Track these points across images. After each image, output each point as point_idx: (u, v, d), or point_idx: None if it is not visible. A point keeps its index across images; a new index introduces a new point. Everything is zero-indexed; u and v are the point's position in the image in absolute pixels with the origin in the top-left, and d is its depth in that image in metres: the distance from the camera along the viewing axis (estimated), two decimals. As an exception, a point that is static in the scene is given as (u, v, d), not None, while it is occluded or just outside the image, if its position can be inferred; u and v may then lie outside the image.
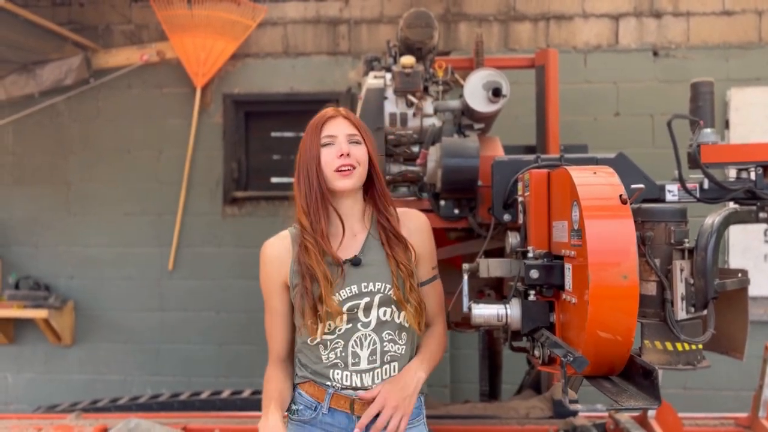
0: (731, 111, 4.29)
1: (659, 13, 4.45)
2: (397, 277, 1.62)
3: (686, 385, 4.23)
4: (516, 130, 3.60)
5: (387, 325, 1.63)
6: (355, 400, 1.62)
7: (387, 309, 1.63)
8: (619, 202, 1.44)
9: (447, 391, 4.35)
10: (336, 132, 1.65)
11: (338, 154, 1.62)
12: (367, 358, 1.62)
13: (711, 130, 2.08)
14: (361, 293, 1.61)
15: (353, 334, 1.62)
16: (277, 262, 1.69)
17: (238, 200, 4.69)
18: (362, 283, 1.61)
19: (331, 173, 1.63)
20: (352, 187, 1.64)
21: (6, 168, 4.84)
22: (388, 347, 1.63)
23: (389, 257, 1.63)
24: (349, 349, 1.62)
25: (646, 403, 1.38)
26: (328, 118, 1.67)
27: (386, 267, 1.63)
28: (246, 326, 4.54)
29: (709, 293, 1.62)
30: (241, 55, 4.69)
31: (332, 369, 1.63)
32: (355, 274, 1.62)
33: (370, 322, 1.62)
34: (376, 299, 1.61)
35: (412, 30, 2.58)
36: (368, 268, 1.63)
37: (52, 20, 4.48)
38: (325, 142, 1.65)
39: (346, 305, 1.60)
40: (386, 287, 1.62)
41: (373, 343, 1.62)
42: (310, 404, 1.66)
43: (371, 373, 1.62)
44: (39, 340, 4.75)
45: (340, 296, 1.60)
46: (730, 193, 1.99)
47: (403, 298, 1.62)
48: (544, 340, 1.59)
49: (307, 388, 1.67)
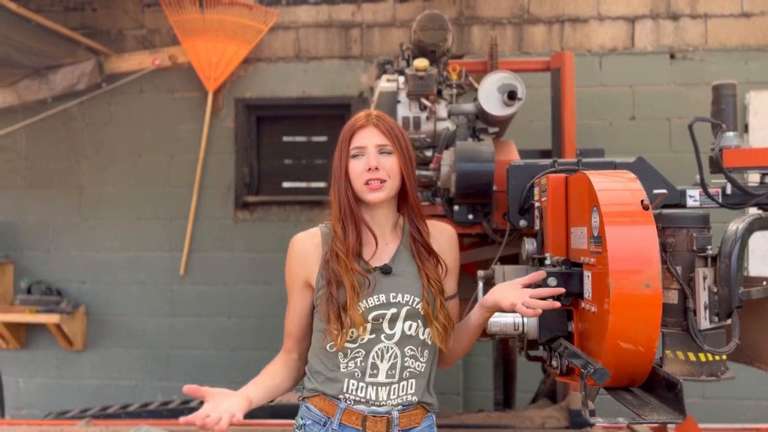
0: (750, 114, 4.22)
1: (676, 15, 4.39)
2: (427, 291, 1.57)
3: (704, 394, 4.15)
4: (531, 134, 3.56)
5: (411, 340, 1.58)
6: (368, 416, 1.56)
7: (413, 323, 1.57)
8: (641, 207, 1.39)
9: (460, 399, 4.30)
10: (365, 143, 1.58)
11: (367, 167, 1.56)
12: (386, 372, 1.56)
13: (733, 134, 2.03)
14: (389, 303, 1.56)
15: (375, 345, 1.56)
16: (302, 258, 1.63)
17: (250, 205, 4.67)
18: (391, 293, 1.56)
19: (360, 186, 1.58)
20: (383, 200, 1.59)
21: (19, 172, 4.86)
22: (408, 363, 1.57)
23: (420, 270, 1.59)
24: (369, 360, 1.56)
25: (671, 417, 1.33)
26: (357, 127, 1.60)
27: (417, 280, 1.58)
28: (257, 331, 4.52)
29: (733, 302, 1.57)
30: (253, 60, 4.68)
31: (348, 378, 1.57)
32: (385, 282, 1.57)
33: (394, 334, 1.57)
34: (404, 311, 1.56)
35: (426, 33, 2.54)
36: (398, 278, 1.58)
37: (65, 25, 4.49)
38: (354, 153, 1.59)
39: (372, 314, 1.55)
40: (415, 300, 1.57)
41: (394, 356, 1.56)
42: (319, 419, 1.59)
43: (387, 388, 1.56)
44: (51, 345, 4.75)
45: (367, 303, 1.55)
46: (754, 198, 1.94)
47: (431, 314, 1.57)
48: (562, 350, 1.54)
49: (316, 402, 1.60)
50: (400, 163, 1.59)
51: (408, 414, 1.58)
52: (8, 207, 4.85)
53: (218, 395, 1.48)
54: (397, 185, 1.60)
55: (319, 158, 4.80)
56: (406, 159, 1.60)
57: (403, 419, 1.57)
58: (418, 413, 1.60)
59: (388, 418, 1.56)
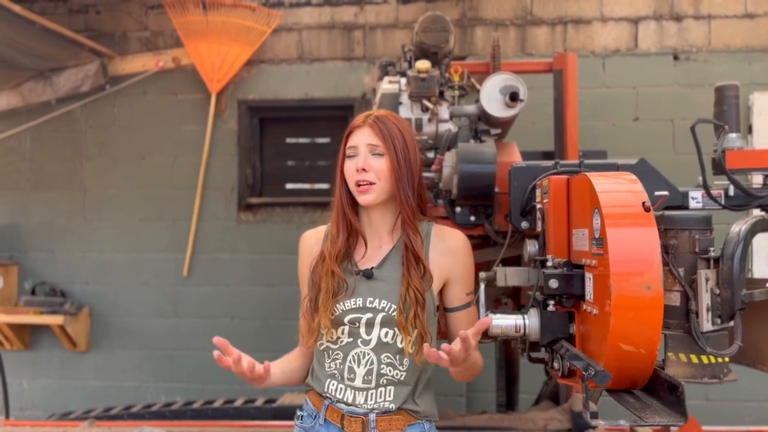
0: (754, 116, 4.21)
1: (680, 17, 4.38)
2: (404, 300, 1.54)
3: (708, 396, 4.13)
4: (533, 136, 3.55)
5: (387, 348, 1.56)
6: (345, 415, 1.57)
7: (389, 331, 1.56)
8: (642, 209, 1.39)
9: (463, 400, 4.29)
10: (357, 142, 1.59)
11: (356, 168, 1.57)
12: (362, 377, 1.57)
13: (736, 135, 2.02)
14: (365, 308, 1.56)
15: (352, 349, 1.57)
16: (307, 252, 1.69)
17: (253, 206, 4.67)
18: (369, 297, 1.56)
19: (352, 187, 1.59)
20: (373, 202, 1.58)
21: (23, 174, 4.87)
22: (385, 370, 1.56)
23: (403, 277, 1.56)
24: (346, 364, 1.58)
25: (672, 419, 1.32)
26: (354, 127, 1.61)
27: (398, 286, 1.56)
28: (261, 333, 4.52)
29: (735, 304, 1.57)
30: (256, 61, 4.68)
31: (330, 378, 1.60)
32: (365, 286, 1.57)
33: (370, 340, 1.56)
34: (379, 317, 1.56)
35: (428, 34, 2.54)
36: (380, 283, 1.58)
37: (69, 27, 4.50)
38: (349, 153, 1.60)
39: (347, 316, 1.56)
40: (391, 307, 1.55)
41: (370, 363, 1.56)
42: (311, 412, 1.64)
43: (365, 393, 1.57)
44: (54, 346, 4.76)
45: (344, 306, 1.56)
46: (757, 200, 1.93)
47: (404, 324, 1.53)
48: (564, 352, 1.54)
49: (310, 395, 1.66)
50: (391, 165, 1.56)
51: (387, 418, 1.57)
52: (12, 208, 4.87)
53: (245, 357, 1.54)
54: (388, 187, 1.58)
55: (322, 160, 4.80)
56: (399, 161, 1.57)
57: (381, 423, 1.56)
58: (400, 419, 1.58)
59: (363, 420, 1.56)
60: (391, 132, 1.59)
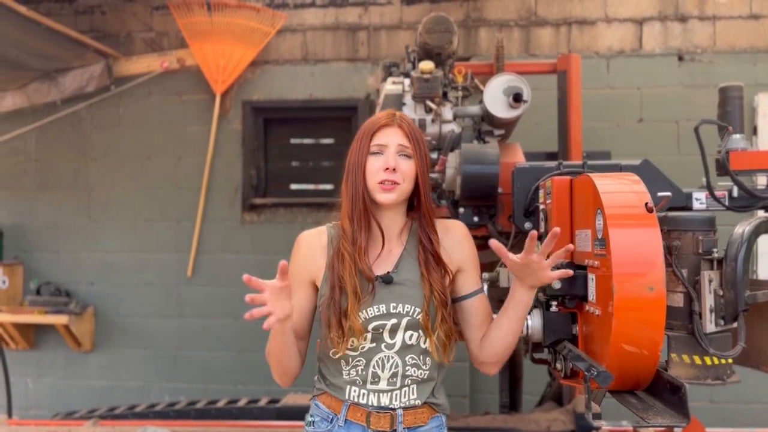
0: (759, 117, 4.19)
1: (684, 17, 4.37)
2: (429, 303, 1.53)
3: (712, 398, 4.12)
4: (537, 137, 3.54)
5: (412, 349, 1.56)
6: (372, 412, 1.56)
7: (414, 333, 1.55)
8: (645, 210, 1.39)
9: (466, 401, 4.29)
10: (387, 141, 1.56)
11: (384, 166, 1.53)
12: (387, 380, 1.55)
13: (740, 136, 2.02)
14: (389, 314, 1.53)
15: (376, 354, 1.55)
16: (308, 257, 1.61)
17: (257, 207, 4.68)
18: (391, 303, 1.54)
19: (373, 184, 1.55)
20: (393, 202, 1.56)
21: (28, 174, 4.89)
22: (410, 371, 1.56)
23: (424, 279, 1.55)
24: (370, 369, 1.55)
25: (674, 420, 1.32)
26: (381, 125, 1.58)
27: (419, 289, 1.55)
28: (264, 334, 4.47)
29: (739, 305, 1.57)
30: (261, 62, 4.69)
31: (350, 385, 1.57)
32: (385, 292, 1.54)
33: (394, 344, 1.54)
34: (404, 322, 1.54)
35: (431, 35, 2.54)
36: (400, 287, 1.55)
37: (75, 28, 4.52)
38: (374, 150, 1.56)
39: (371, 324, 1.53)
40: (416, 311, 1.54)
41: (395, 365, 1.55)
42: (326, 416, 1.60)
43: (389, 394, 1.56)
44: (59, 346, 4.77)
45: (367, 314, 1.53)
46: (761, 201, 1.93)
47: (431, 327, 1.53)
48: (567, 353, 1.54)
49: (324, 399, 1.62)
50: (417, 168, 1.56)
51: (413, 412, 1.57)
52: (18, 209, 4.89)
53: (276, 293, 1.53)
54: (409, 189, 1.57)
55: (326, 160, 4.81)
56: (424, 165, 1.57)
57: (407, 416, 1.56)
58: (425, 412, 1.59)
59: (392, 415, 1.55)
60: (417, 134, 1.59)
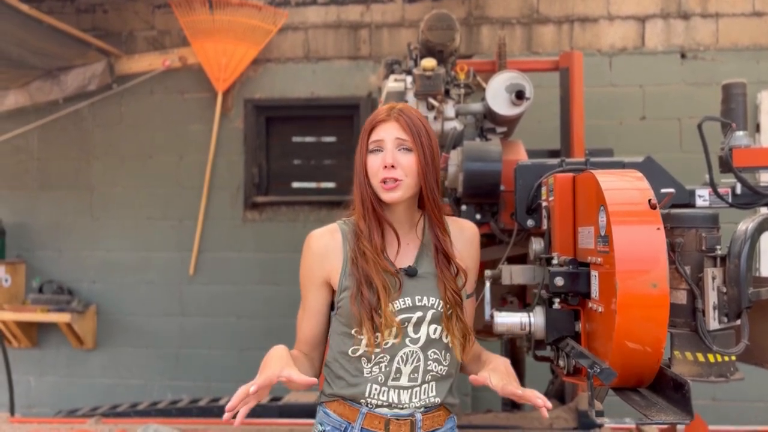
0: (762, 114, 4.18)
1: (687, 15, 4.36)
2: (445, 301, 1.51)
3: (716, 396, 4.11)
4: (539, 134, 3.54)
5: (435, 344, 1.53)
6: (391, 419, 1.51)
7: (437, 327, 1.52)
8: (648, 207, 1.38)
9: (468, 399, 4.29)
10: (383, 136, 1.50)
11: (383, 164, 1.49)
12: (408, 375, 1.52)
13: (743, 133, 2.02)
14: (415, 306, 1.51)
15: (401, 349, 1.50)
16: (322, 256, 1.56)
17: (259, 205, 4.68)
18: (416, 296, 1.51)
19: (377, 184, 1.50)
20: (399, 200, 1.51)
21: (30, 173, 4.89)
22: (431, 366, 1.53)
23: (439, 279, 1.52)
24: (393, 365, 1.50)
25: (678, 417, 1.32)
26: (378, 121, 1.52)
27: (439, 282, 1.53)
28: (267, 332, 4.52)
29: (742, 302, 1.56)
30: (262, 60, 4.69)
31: (372, 383, 1.52)
32: (409, 285, 1.52)
33: (419, 338, 1.51)
34: (429, 315, 1.51)
35: (433, 32, 2.54)
36: (422, 281, 1.53)
37: (77, 27, 4.52)
38: (372, 148, 1.51)
39: (398, 317, 1.49)
40: (439, 303, 1.51)
41: (417, 360, 1.51)
42: (338, 425, 1.54)
43: (409, 391, 1.52)
44: (62, 344, 4.78)
45: (394, 307, 1.48)
46: (765, 198, 1.92)
47: (448, 322, 1.52)
48: (569, 350, 1.53)
49: (335, 407, 1.55)
50: (419, 162, 1.50)
51: (431, 416, 1.54)
52: (20, 207, 4.89)
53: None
54: (415, 184, 1.51)
55: (328, 159, 4.81)
56: (427, 157, 1.50)
57: (426, 421, 1.53)
58: (441, 415, 1.57)
59: (412, 421, 1.52)
60: (417, 126, 1.51)
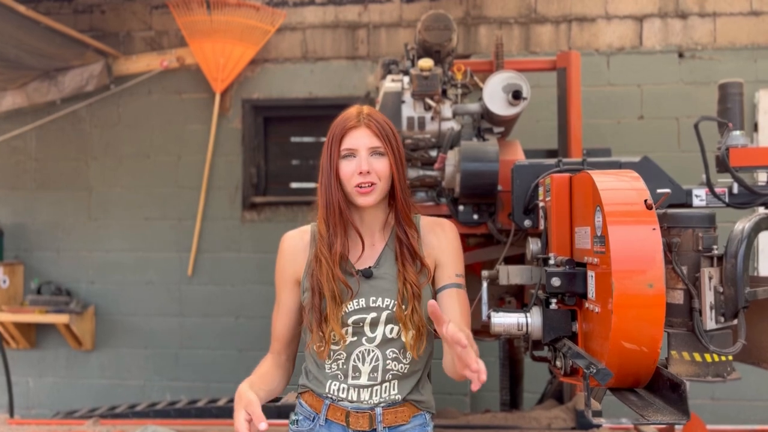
0: (760, 113, 4.18)
1: (685, 14, 4.36)
2: (402, 295, 1.53)
3: (714, 395, 4.12)
4: (537, 134, 3.54)
5: (392, 343, 1.56)
6: (350, 412, 1.56)
7: (394, 327, 1.55)
8: (644, 207, 1.38)
9: (467, 399, 4.29)
10: (357, 145, 1.54)
11: (358, 170, 1.53)
12: (368, 374, 1.56)
13: (740, 133, 2.02)
14: (369, 308, 1.55)
15: (356, 347, 1.56)
16: (292, 256, 1.64)
17: (257, 205, 4.68)
18: (371, 297, 1.55)
19: (350, 188, 1.55)
20: (373, 203, 1.56)
21: (29, 174, 4.89)
22: (390, 365, 1.56)
23: (399, 274, 1.55)
24: (350, 363, 1.56)
25: (674, 417, 1.32)
26: (349, 128, 1.55)
27: (397, 283, 1.55)
28: (265, 332, 4.48)
29: (739, 302, 1.56)
30: (260, 61, 4.69)
31: (332, 380, 1.58)
32: (366, 286, 1.56)
33: (375, 338, 1.55)
34: (383, 315, 1.55)
35: (430, 32, 2.54)
36: (379, 282, 1.56)
37: (74, 27, 4.51)
38: (345, 154, 1.55)
39: (351, 318, 1.54)
40: (393, 304, 1.54)
41: (375, 359, 1.55)
42: (309, 415, 1.61)
43: (369, 390, 1.56)
44: (60, 345, 4.78)
45: (347, 308, 1.54)
46: (761, 197, 1.92)
47: (404, 319, 1.53)
48: (566, 351, 1.53)
49: (306, 398, 1.63)
50: (392, 164, 1.55)
51: (393, 411, 1.57)
52: (18, 208, 4.89)
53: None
54: (387, 186, 1.57)
55: (326, 159, 4.80)
56: (397, 159, 1.57)
57: (387, 416, 1.56)
58: (405, 411, 1.59)
59: (371, 414, 1.56)
60: (386, 130, 1.57)
